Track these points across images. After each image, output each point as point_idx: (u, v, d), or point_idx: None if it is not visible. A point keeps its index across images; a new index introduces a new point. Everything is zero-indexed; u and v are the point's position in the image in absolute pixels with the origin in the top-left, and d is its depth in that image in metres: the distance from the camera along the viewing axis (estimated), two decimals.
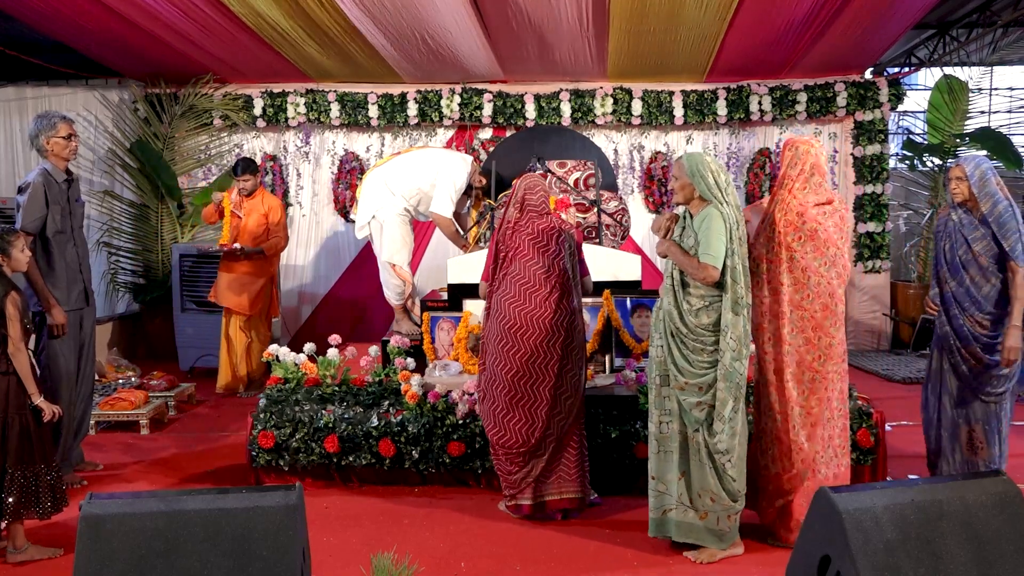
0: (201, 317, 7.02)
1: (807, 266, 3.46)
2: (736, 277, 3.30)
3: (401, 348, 4.70)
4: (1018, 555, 2.17)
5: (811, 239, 3.46)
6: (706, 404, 3.32)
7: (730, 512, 3.37)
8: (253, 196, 6.16)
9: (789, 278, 3.47)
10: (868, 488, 2.30)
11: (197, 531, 2.13)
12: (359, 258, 7.94)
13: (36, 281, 4.10)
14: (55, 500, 3.48)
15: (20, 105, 8.07)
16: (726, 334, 3.29)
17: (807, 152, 3.54)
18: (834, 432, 3.55)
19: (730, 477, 3.34)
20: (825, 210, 3.51)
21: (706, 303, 3.33)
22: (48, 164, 4.25)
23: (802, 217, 3.46)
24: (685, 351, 3.35)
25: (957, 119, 8.46)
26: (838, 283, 3.51)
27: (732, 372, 3.29)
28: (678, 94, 7.64)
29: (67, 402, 4.25)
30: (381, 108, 7.70)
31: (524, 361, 3.71)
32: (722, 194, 3.34)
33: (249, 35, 6.49)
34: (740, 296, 3.30)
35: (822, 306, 3.47)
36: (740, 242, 3.34)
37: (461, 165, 5.73)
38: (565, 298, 3.77)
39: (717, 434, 3.30)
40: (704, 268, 3.27)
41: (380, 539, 3.61)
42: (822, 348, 3.48)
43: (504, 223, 3.88)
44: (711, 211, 3.32)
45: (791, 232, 3.47)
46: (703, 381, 3.32)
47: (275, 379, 4.65)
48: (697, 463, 3.37)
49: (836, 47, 6.79)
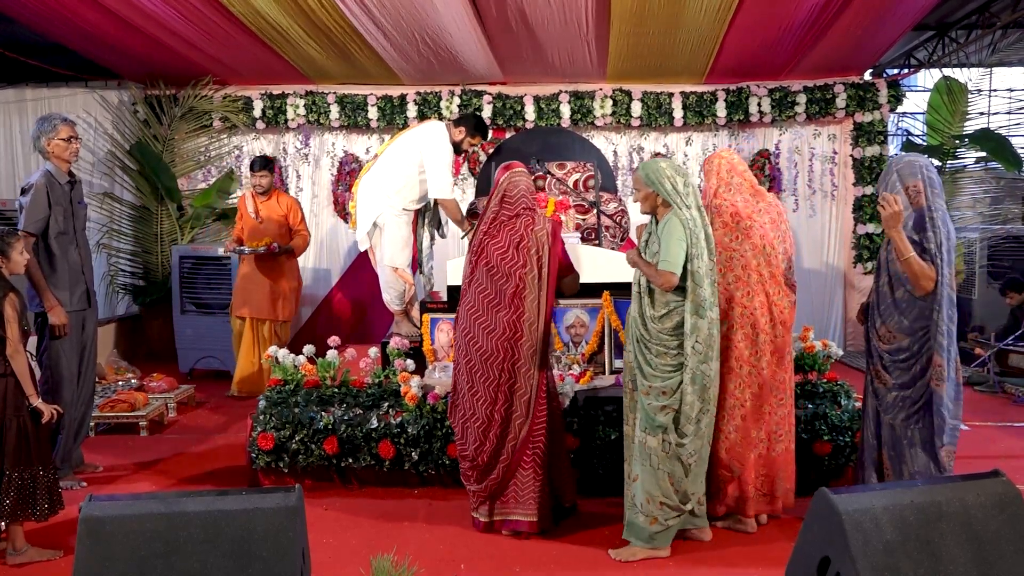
0: (201, 319, 7.03)
1: (747, 264, 3.58)
2: (699, 280, 3.31)
3: (401, 350, 4.69)
4: (1018, 556, 2.17)
5: (747, 237, 3.59)
6: (671, 408, 3.33)
7: (677, 514, 3.39)
8: (269, 197, 6.14)
9: (731, 276, 3.59)
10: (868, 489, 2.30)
11: (197, 533, 2.13)
12: (359, 260, 7.94)
13: (38, 282, 4.11)
14: (52, 502, 3.48)
15: (20, 107, 8.08)
16: (690, 337, 3.30)
17: (718, 158, 3.74)
18: (770, 420, 3.65)
19: (689, 479, 3.35)
20: (760, 207, 3.65)
21: (669, 308, 3.36)
22: (51, 166, 4.26)
23: (736, 217, 3.59)
24: (649, 355, 3.38)
25: (956, 120, 8.46)
26: (771, 280, 3.62)
27: (699, 375, 3.31)
28: (677, 95, 7.65)
29: (68, 403, 4.25)
30: (381, 110, 7.71)
31: (476, 379, 3.62)
32: (681, 198, 3.37)
33: (249, 37, 6.49)
34: (704, 299, 3.31)
35: (760, 303, 3.58)
36: (707, 244, 3.36)
37: (439, 135, 5.30)
38: (518, 316, 3.57)
39: (687, 436, 3.32)
40: (662, 275, 3.32)
41: (380, 541, 3.61)
42: (759, 345, 3.59)
43: (482, 220, 3.78)
44: (671, 217, 3.37)
45: (728, 233, 3.59)
46: (667, 385, 3.33)
47: (275, 381, 4.65)
48: (648, 468, 3.37)
49: (835, 48, 6.80)
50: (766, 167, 7.81)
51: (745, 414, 3.62)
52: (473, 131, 5.33)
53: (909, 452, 3.47)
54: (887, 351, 3.52)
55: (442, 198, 5.20)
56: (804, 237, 7.89)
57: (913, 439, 3.47)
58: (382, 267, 5.29)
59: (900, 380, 3.48)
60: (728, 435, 3.62)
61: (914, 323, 3.43)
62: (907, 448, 3.48)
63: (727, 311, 3.59)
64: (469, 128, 5.32)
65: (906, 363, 3.47)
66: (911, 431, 3.46)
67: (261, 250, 6.03)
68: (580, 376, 4.40)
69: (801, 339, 4.93)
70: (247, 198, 6.13)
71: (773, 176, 7.81)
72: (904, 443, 3.48)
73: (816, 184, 7.88)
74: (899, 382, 3.48)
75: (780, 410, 3.68)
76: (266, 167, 6.09)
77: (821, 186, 7.87)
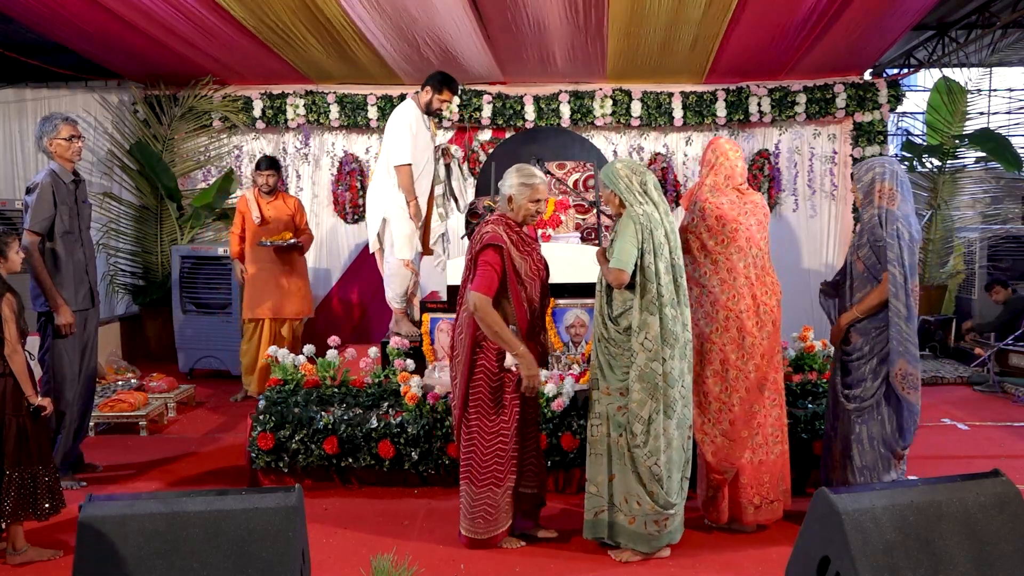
0: (201, 319, 7.02)
1: (732, 267, 3.59)
2: (650, 276, 3.29)
3: (400, 349, 4.69)
4: (1017, 556, 2.17)
5: (732, 240, 3.60)
6: (626, 408, 3.31)
7: (658, 517, 3.34)
8: (276, 197, 6.13)
9: (716, 280, 3.60)
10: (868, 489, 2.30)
11: (197, 532, 2.13)
12: (359, 259, 7.95)
13: (44, 281, 4.11)
14: (53, 501, 3.48)
15: (20, 107, 8.08)
16: (639, 334, 3.28)
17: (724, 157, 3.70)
18: (765, 422, 3.64)
19: (656, 482, 3.29)
20: (747, 208, 3.66)
21: (627, 307, 3.34)
22: (56, 165, 4.26)
23: (722, 220, 3.60)
24: (607, 355, 3.37)
25: (956, 120, 8.47)
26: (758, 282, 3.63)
27: (649, 373, 3.27)
28: (677, 95, 7.65)
29: (70, 403, 4.26)
30: (380, 109, 7.70)
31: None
32: (635, 196, 3.37)
33: (248, 36, 6.49)
34: (656, 296, 3.28)
35: (747, 307, 3.59)
36: (668, 240, 3.34)
37: (397, 112, 5.22)
38: (460, 328, 3.51)
39: (637, 436, 3.28)
40: (611, 272, 3.32)
41: (380, 540, 3.61)
42: (745, 348, 3.58)
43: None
44: (624, 216, 3.37)
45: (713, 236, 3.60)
46: (624, 385, 3.31)
47: (274, 381, 4.65)
48: (621, 467, 3.35)
49: (835, 48, 6.80)
50: (766, 167, 7.81)
51: (734, 418, 3.60)
52: (439, 86, 5.18)
53: (856, 448, 3.58)
54: (843, 352, 3.64)
55: (396, 164, 5.10)
56: (804, 237, 7.90)
57: (860, 435, 3.57)
58: (389, 261, 5.25)
59: (851, 378, 3.60)
60: (715, 439, 3.62)
61: (869, 323, 3.53)
62: (855, 444, 3.58)
63: (712, 314, 3.59)
64: (434, 85, 5.18)
65: (857, 363, 3.58)
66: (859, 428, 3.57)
67: (285, 243, 5.95)
68: (580, 376, 4.40)
69: (801, 339, 4.94)
70: (249, 199, 6.08)
71: (773, 176, 7.81)
72: (852, 438, 3.59)
73: (816, 184, 7.88)
74: (849, 379, 3.60)
75: (774, 410, 3.67)
76: (272, 166, 6.05)
77: (821, 186, 7.87)
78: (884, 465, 3.51)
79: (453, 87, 5.26)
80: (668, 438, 3.32)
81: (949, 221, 8.51)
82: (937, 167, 8.52)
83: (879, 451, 3.52)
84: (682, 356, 3.34)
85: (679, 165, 7.87)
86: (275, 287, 6.02)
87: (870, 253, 3.51)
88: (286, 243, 5.95)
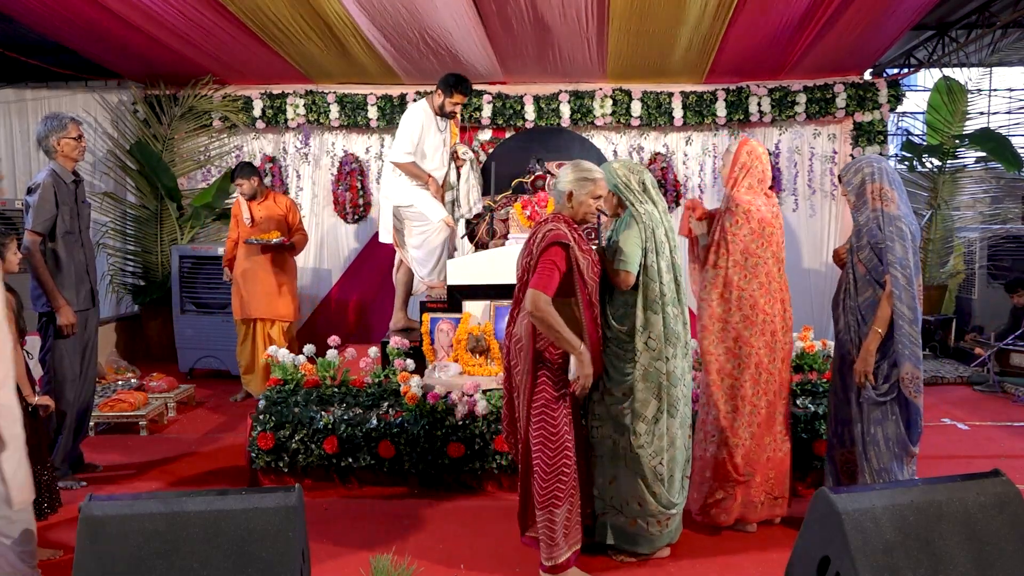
0: (200, 319, 7.03)
1: (768, 270, 3.59)
2: (653, 275, 3.28)
3: (401, 349, 4.70)
4: (1018, 556, 2.16)
5: (769, 244, 3.59)
6: (629, 408, 3.30)
7: (660, 517, 3.33)
8: (265, 198, 6.12)
9: (755, 283, 3.59)
10: (868, 489, 2.30)
11: (197, 532, 2.12)
12: (358, 259, 7.95)
13: (46, 282, 4.11)
14: (51, 501, 3.48)
15: (20, 107, 8.08)
16: (642, 333, 3.27)
17: (758, 160, 3.68)
18: (779, 420, 3.66)
19: (660, 481, 3.29)
20: (775, 211, 3.67)
21: (629, 306, 3.33)
22: (56, 165, 4.26)
23: (763, 223, 3.59)
24: (610, 355, 3.35)
25: (956, 120, 8.47)
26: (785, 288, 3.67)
27: (653, 373, 3.26)
28: (677, 95, 7.65)
29: (71, 403, 4.26)
30: (380, 109, 7.71)
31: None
32: (635, 195, 3.36)
33: (248, 36, 6.49)
34: (659, 295, 3.27)
35: (778, 311, 3.61)
36: (668, 239, 3.33)
37: (406, 113, 5.35)
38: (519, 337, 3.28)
39: (641, 436, 3.27)
40: (618, 274, 3.30)
41: (380, 540, 3.61)
42: (775, 351, 3.60)
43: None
44: (627, 215, 3.37)
45: (756, 239, 3.58)
46: (626, 386, 3.30)
47: (274, 380, 4.65)
48: (623, 468, 3.34)
49: (835, 48, 6.80)
50: None
51: (760, 421, 3.60)
52: (449, 89, 5.25)
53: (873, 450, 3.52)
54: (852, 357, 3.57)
55: (392, 162, 5.27)
56: (804, 237, 7.90)
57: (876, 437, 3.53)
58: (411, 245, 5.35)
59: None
60: (744, 442, 3.59)
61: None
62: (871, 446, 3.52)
63: (751, 317, 3.56)
64: (444, 88, 5.26)
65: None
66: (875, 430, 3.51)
67: (271, 242, 5.94)
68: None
69: (801, 339, 4.94)
70: (241, 202, 6.09)
71: (773, 176, 7.80)
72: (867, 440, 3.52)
73: (816, 184, 7.88)
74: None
75: (785, 410, 3.69)
76: (241, 174, 6.00)
77: (821, 186, 7.87)
78: (899, 465, 3.47)
79: (463, 89, 5.31)
80: (671, 437, 3.32)
81: (949, 221, 8.51)
82: (937, 167, 8.52)
83: (894, 451, 3.46)
84: (684, 355, 3.34)
85: (679, 165, 7.87)
86: (260, 288, 5.99)
87: (871, 255, 3.48)
88: (272, 242, 5.94)
